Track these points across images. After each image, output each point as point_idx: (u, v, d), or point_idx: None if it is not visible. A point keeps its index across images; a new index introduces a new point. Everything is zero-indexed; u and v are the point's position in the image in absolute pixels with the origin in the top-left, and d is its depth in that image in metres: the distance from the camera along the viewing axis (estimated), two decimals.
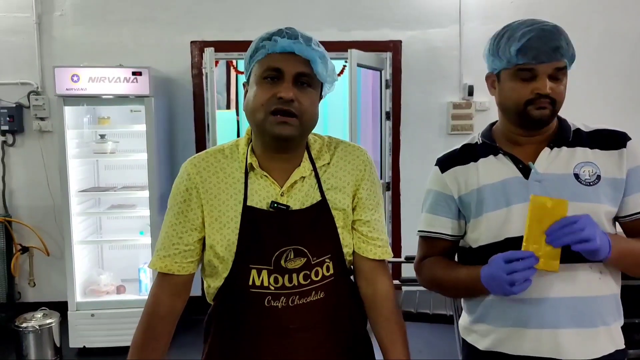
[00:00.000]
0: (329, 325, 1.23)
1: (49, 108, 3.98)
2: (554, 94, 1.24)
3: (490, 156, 1.34)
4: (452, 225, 1.37)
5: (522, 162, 1.30)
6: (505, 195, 1.28)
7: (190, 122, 4.14)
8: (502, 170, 1.31)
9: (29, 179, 4.07)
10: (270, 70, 1.14)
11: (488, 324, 1.32)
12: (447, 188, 1.37)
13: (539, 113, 1.25)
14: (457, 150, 1.41)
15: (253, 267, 1.17)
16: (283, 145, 1.18)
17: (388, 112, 4.23)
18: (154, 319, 1.21)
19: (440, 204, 1.38)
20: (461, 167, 1.36)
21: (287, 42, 1.13)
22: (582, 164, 1.29)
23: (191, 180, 1.21)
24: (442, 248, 1.40)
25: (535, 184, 1.27)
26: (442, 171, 1.39)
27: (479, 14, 4.18)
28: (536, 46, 1.21)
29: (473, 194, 1.32)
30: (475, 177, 1.33)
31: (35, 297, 4.12)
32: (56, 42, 4.01)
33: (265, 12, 4.07)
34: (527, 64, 1.23)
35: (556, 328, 1.24)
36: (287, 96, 1.11)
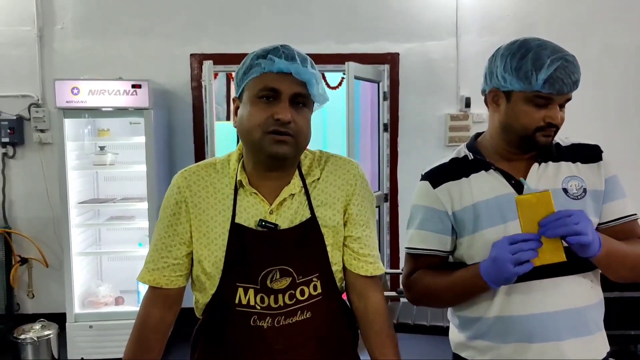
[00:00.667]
0: (315, 346, 1.21)
1: (49, 120, 4.01)
2: (560, 122, 1.27)
3: (482, 171, 1.34)
4: (445, 241, 1.36)
5: (514, 178, 1.31)
6: (501, 212, 1.29)
7: (189, 134, 4.16)
8: (494, 186, 1.31)
9: (28, 191, 4.09)
10: (267, 90, 1.13)
11: (489, 341, 1.32)
12: (440, 204, 1.34)
13: (545, 140, 1.27)
14: (446, 164, 1.39)
15: (240, 285, 1.17)
16: (277, 164, 1.18)
17: (386, 124, 4.26)
18: (145, 331, 1.21)
19: (432, 220, 1.35)
20: (453, 182, 1.34)
21: (284, 63, 1.12)
22: (569, 178, 1.31)
23: (181, 193, 1.21)
24: (432, 264, 1.39)
25: None
26: (433, 186, 1.36)
27: (475, 27, 4.22)
28: (562, 78, 1.21)
29: (468, 210, 1.31)
30: (469, 193, 1.32)
31: (34, 308, 4.12)
32: (57, 55, 4.05)
33: (264, 25, 4.11)
34: (549, 94, 1.23)
35: (559, 340, 1.26)
36: (286, 118, 1.11)
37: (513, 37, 4.32)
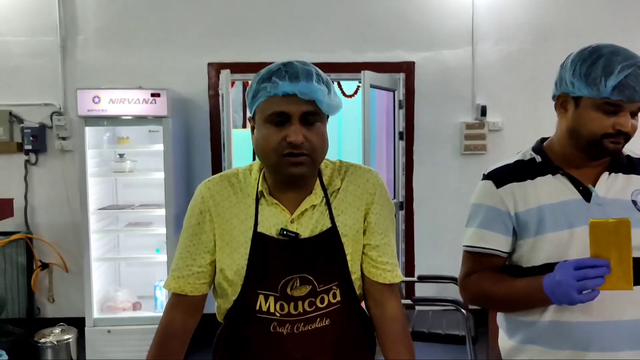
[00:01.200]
0: (333, 353, 1.23)
1: (71, 128, 4.09)
2: (632, 130, 1.25)
3: (549, 175, 1.33)
4: (506, 241, 1.34)
5: (582, 185, 1.30)
6: (567, 217, 1.27)
7: (206, 141, 4.21)
8: (562, 190, 1.30)
9: (50, 197, 4.18)
10: (275, 114, 1.13)
11: (541, 346, 1.30)
12: (503, 204, 1.33)
13: (614, 147, 1.26)
14: (511, 165, 1.38)
15: (261, 292, 1.20)
16: (296, 182, 1.20)
17: (401, 132, 4.27)
18: (168, 337, 1.24)
19: (495, 220, 1.34)
20: (518, 183, 1.33)
21: (288, 85, 1.11)
22: (638, 192, 1.31)
23: (205, 203, 1.24)
24: (492, 264, 1.37)
25: (597, 207, 1.27)
26: (497, 186, 1.35)
27: (491, 35, 4.22)
28: (633, 85, 1.20)
29: (532, 213, 1.30)
30: (534, 195, 1.31)
31: (53, 312, 4.19)
32: (79, 64, 4.14)
33: (280, 34, 4.16)
34: (619, 101, 1.22)
35: (618, 351, 1.23)
36: (298, 141, 1.11)
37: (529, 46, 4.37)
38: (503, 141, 4.24)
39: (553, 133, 1.40)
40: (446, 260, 4.24)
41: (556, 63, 1.44)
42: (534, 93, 4.24)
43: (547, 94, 4.97)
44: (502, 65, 4.24)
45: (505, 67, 4.24)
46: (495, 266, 1.37)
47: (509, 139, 4.24)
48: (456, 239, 4.62)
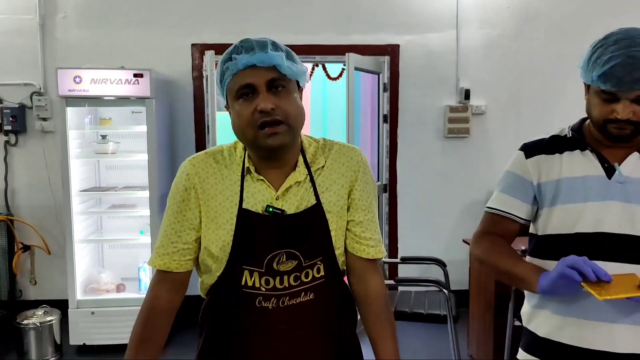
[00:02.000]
0: (317, 326, 1.26)
1: (51, 109, 4.03)
2: (636, 116, 1.24)
3: (577, 151, 1.36)
4: (525, 209, 1.41)
5: (608, 162, 1.32)
6: (584, 191, 1.32)
7: (190, 123, 4.19)
8: (586, 165, 1.34)
9: (31, 179, 4.13)
10: (242, 88, 1.15)
11: (547, 310, 1.37)
12: (528, 173, 1.40)
13: (618, 132, 1.28)
14: (546, 139, 1.43)
15: (246, 268, 1.21)
16: (278, 154, 1.21)
17: (385, 115, 4.28)
18: (153, 314, 1.24)
19: (517, 187, 1.42)
20: (546, 156, 1.39)
21: (245, 57, 1.14)
22: None
23: (190, 180, 1.24)
24: (508, 229, 1.45)
25: (617, 185, 1.30)
26: (526, 157, 1.41)
27: (475, 19, 4.23)
28: (618, 75, 1.21)
29: (552, 184, 1.36)
30: (558, 167, 1.36)
31: (36, 295, 4.17)
32: (59, 43, 4.07)
33: (265, 16, 4.13)
34: (609, 90, 1.24)
35: (613, 322, 1.27)
36: (267, 107, 1.13)
37: (513, 30, 4.42)
38: (486, 124, 4.28)
39: (535, 116, 1.43)
40: (429, 241, 4.30)
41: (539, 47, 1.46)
42: (517, 77, 4.28)
43: (530, 78, 5.09)
44: (486, 49, 4.26)
45: (489, 51, 4.26)
46: (510, 230, 1.45)
47: (492, 122, 4.28)
48: (439, 220, 4.72)
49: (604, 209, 1.30)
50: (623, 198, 1.29)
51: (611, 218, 1.29)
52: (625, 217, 1.29)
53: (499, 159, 4.21)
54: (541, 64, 4.25)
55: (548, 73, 4.25)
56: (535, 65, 4.26)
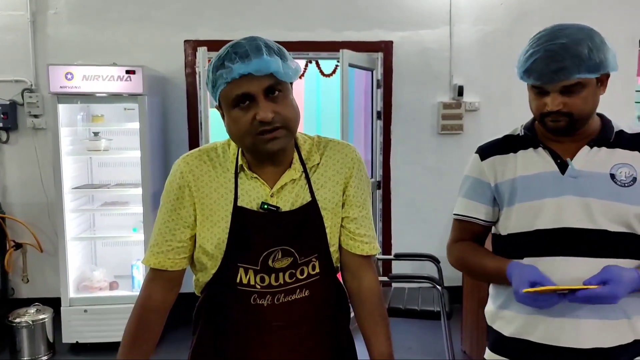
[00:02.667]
0: (312, 322, 1.26)
1: (43, 106, 4.00)
2: (567, 107, 1.27)
3: (530, 149, 1.38)
4: (486, 211, 1.43)
5: (561, 158, 1.34)
6: (540, 188, 1.33)
7: (183, 120, 4.17)
8: (539, 163, 1.36)
9: (22, 176, 4.10)
10: (238, 98, 1.12)
11: (512, 311, 1.37)
12: (485, 175, 1.42)
13: (554, 125, 1.30)
14: (499, 139, 1.45)
15: (241, 265, 1.21)
16: (276, 157, 1.21)
17: (379, 112, 4.28)
18: (147, 312, 1.24)
19: (476, 190, 1.44)
20: (500, 156, 1.41)
21: (240, 66, 1.10)
22: (620, 165, 1.32)
23: (184, 178, 1.24)
24: (475, 232, 1.47)
25: (570, 179, 1.32)
26: (482, 159, 1.44)
27: (469, 16, 4.23)
28: (538, 69, 1.26)
29: (508, 183, 1.38)
30: (512, 167, 1.38)
31: (28, 293, 4.15)
32: (50, 40, 4.03)
33: (258, 12, 4.11)
34: (535, 84, 1.29)
35: (578, 318, 1.28)
36: (267, 118, 1.11)
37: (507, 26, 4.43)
38: (479, 121, 4.29)
39: (528, 113, 1.45)
40: (423, 238, 4.31)
41: None
42: (510, 73, 4.23)
43: None
44: (480, 45, 4.27)
45: (483, 47, 4.27)
46: (477, 233, 1.47)
47: (485, 119, 4.29)
48: (432, 217, 4.73)
49: (560, 204, 1.31)
50: (578, 192, 1.30)
51: (568, 213, 1.30)
52: (582, 211, 1.29)
53: None
54: None
55: None
56: None
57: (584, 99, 1.27)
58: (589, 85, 1.27)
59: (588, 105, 1.29)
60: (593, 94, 1.29)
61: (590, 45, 1.26)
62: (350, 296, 1.33)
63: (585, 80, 1.26)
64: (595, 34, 1.30)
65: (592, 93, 1.29)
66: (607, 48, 1.30)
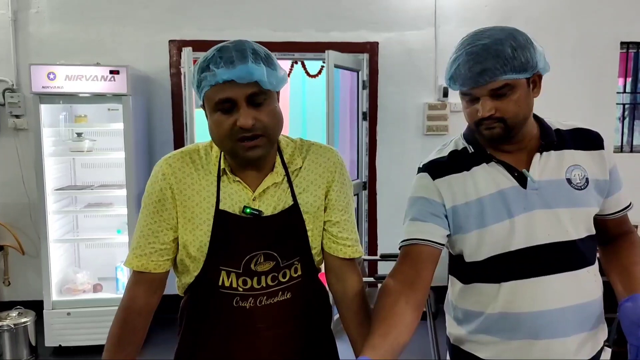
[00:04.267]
0: (294, 324, 1.27)
1: (25, 106, 3.94)
2: (500, 112, 1.20)
3: (483, 164, 1.29)
4: (441, 233, 1.29)
5: (517, 170, 1.26)
6: (506, 206, 1.25)
7: (168, 120, 4.14)
8: (497, 179, 1.27)
9: (4, 177, 4.03)
10: (220, 102, 1.11)
11: (493, 336, 1.29)
12: (439, 196, 1.29)
13: (489, 133, 1.23)
14: (446, 157, 1.33)
15: (223, 269, 1.20)
16: (255, 164, 1.20)
17: (365, 113, 4.29)
18: (130, 315, 1.23)
19: (429, 211, 1.29)
20: (455, 175, 1.29)
21: (225, 72, 1.08)
22: (572, 168, 1.28)
23: (166, 180, 1.23)
24: (427, 257, 1.28)
25: (533, 192, 1.25)
26: (433, 178, 1.31)
27: (454, 17, 4.26)
28: (462, 73, 1.20)
29: (473, 205, 1.26)
30: (472, 187, 1.27)
31: (10, 296, 4.08)
32: (32, 39, 3.97)
33: (244, 12, 4.10)
34: (463, 90, 1.23)
35: (566, 336, 1.25)
36: (247, 124, 1.10)
37: None
38: (464, 122, 4.28)
39: None
40: None
41: None
42: None
43: None
44: None
45: None
46: (429, 258, 1.28)
47: None
48: None
49: (530, 221, 1.24)
50: (544, 205, 1.24)
51: (540, 229, 1.24)
52: (553, 224, 1.24)
53: None
54: None
55: None
56: None
57: (516, 102, 1.20)
58: (519, 87, 1.20)
59: (521, 109, 1.21)
60: (526, 97, 1.22)
61: (513, 44, 1.18)
62: (335, 299, 1.33)
63: (513, 81, 1.19)
64: (519, 33, 1.22)
65: (524, 96, 1.21)
66: (533, 47, 1.22)
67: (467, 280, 1.34)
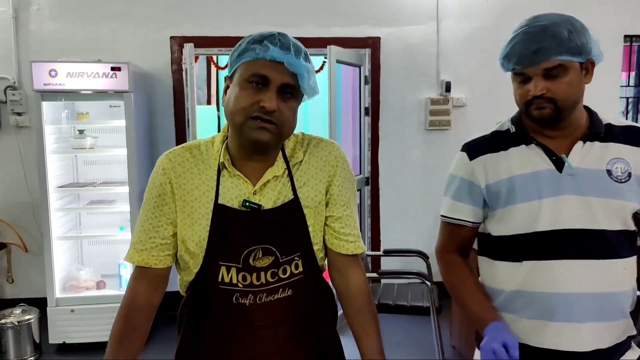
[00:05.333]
0: (295, 323, 1.25)
1: (26, 103, 3.94)
2: (551, 92, 1.23)
3: (522, 145, 1.33)
4: (475, 212, 1.38)
5: (555, 155, 1.30)
6: (538, 188, 1.28)
7: (170, 117, 4.14)
8: (534, 161, 1.31)
9: (6, 175, 4.04)
10: (257, 76, 1.13)
11: (512, 314, 1.33)
12: (475, 176, 1.36)
13: (539, 113, 1.26)
14: (487, 136, 1.39)
15: (222, 264, 1.20)
16: (259, 150, 1.20)
17: (367, 108, 4.28)
18: (133, 311, 1.23)
19: (464, 192, 1.38)
20: (491, 154, 1.35)
21: (278, 52, 1.12)
22: (615, 160, 1.29)
23: (166, 175, 1.23)
24: (463, 234, 1.42)
25: (568, 177, 1.28)
26: (470, 158, 1.37)
27: (456, 12, 4.24)
28: (517, 52, 1.25)
29: (503, 184, 1.32)
30: (506, 166, 1.32)
31: (13, 293, 4.09)
32: (33, 36, 3.97)
33: (245, 7, 4.08)
34: (516, 69, 1.27)
35: (580, 322, 1.26)
36: (271, 107, 1.12)
37: (493, 22, 4.46)
38: (467, 117, 4.31)
39: (515, 108, 1.43)
40: (411, 234, 4.32)
41: None
42: (497, 69, 4.26)
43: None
44: (466, 41, 4.28)
45: (469, 43, 4.28)
46: (465, 237, 1.43)
47: (472, 114, 4.30)
48: (421, 213, 4.73)
49: (559, 204, 1.27)
50: (577, 191, 1.27)
51: (568, 213, 1.27)
52: (582, 211, 1.26)
53: None
54: None
55: None
56: None
57: (568, 84, 1.24)
58: (572, 70, 1.24)
59: (573, 92, 1.25)
60: (578, 81, 1.25)
61: (570, 28, 1.23)
62: (339, 295, 1.32)
63: (567, 63, 1.23)
64: (575, 20, 1.27)
65: (576, 79, 1.25)
66: (588, 34, 1.26)
67: (494, 256, 1.39)
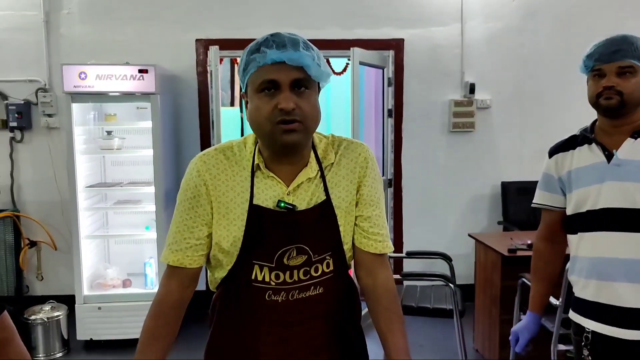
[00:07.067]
0: (325, 319, 1.28)
1: (57, 105, 4.04)
2: (620, 86, 1.54)
3: (585, 145, 1.66)
4: (555, 198, 1.75)
5: (608, 150, 1.61)
6: (597, 174, 1.60)
7: (195, 118, 4.19)
8: (591, 156, 1.64)
9: (36, 175, 4.15)
10: (266, 82, 1.14)
11: (574, 275, 1.69)
12: (552, 170, 1.75)
13: (606, 102, 1.57)
14: (564, 140, 1.75)
15: (256, 263, 1.22)
16: (291, 152, 1.21)
17: (390, 110, 4.28)
18: (165, 308, 1.26)
19: (547, 182, 1.77)
20: (562, 153, 1.72)
21: (275, 53, 1.12)
22: None
23: (201, 177, 1.24)
24: (549, 218, 1.81)
25: (615, 167, 1.57)
26: (549, 157, 1.77)
27: (480, 13, 4.21)
28: (599, 51, 1.58)
29: (567, 175, 1.69)
30: (569, 161, 1.69)
31: (42, 290, 4.20)
32: (63, 39, 4.07)
33: (269, 10, 4.12)
34: (596, 66, 1.58)
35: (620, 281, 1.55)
36: (288, 107, 1.12)
37: (518, 23, 4.45)
38: (491, 119, 4.27)
39: (539, 110, 1.53)
40: (434, 236, 4.30)
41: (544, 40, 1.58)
42: (522, 71, 4.26)
43: (535, 72, 5.06)
44: (491, 42, 4.25)
45: (494, 44, 4.24)
46: (553, 219, 1.80)
47: (496, 116, 4.27)
48: (444, 215, 4.71)
49: (604, 189, 1.58)
50: (618, 178, 1.56)
51: (610, 195, 1.57)
52: (621, 194, 1.55)
53: (503, 153, 4.20)
54: (546, 57, 4.23)
55: (553, 67, 4.22)
56: (540, 59, 4.24)
57: (635, 83, 1.55)
58: (636, 73, 1.54)
59: (637, 90, 1.55)
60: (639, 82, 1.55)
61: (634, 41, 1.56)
62: (365, 293, 1.33)
63: (637, 66, 1.54)
64: None
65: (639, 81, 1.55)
66: None
67: (567, 231, 1.73)
